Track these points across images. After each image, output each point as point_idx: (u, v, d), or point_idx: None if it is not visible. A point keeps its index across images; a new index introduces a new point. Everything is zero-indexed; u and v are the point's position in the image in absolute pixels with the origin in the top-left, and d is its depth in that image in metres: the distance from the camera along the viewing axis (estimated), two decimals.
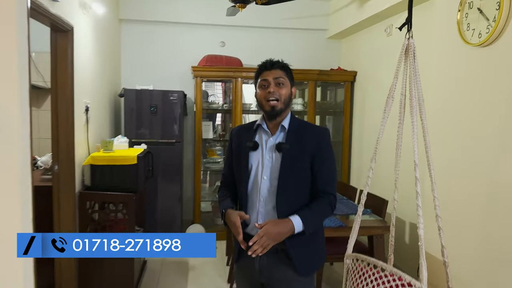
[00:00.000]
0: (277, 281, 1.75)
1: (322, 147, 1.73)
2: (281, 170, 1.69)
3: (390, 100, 2.12)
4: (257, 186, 1.74)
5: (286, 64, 1.79)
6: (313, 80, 4.61)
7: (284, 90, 1.73)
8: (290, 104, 1.79)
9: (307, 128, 1.79)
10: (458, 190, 2.49)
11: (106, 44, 4.05)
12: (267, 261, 1.74)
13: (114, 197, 3.10)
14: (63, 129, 2.93)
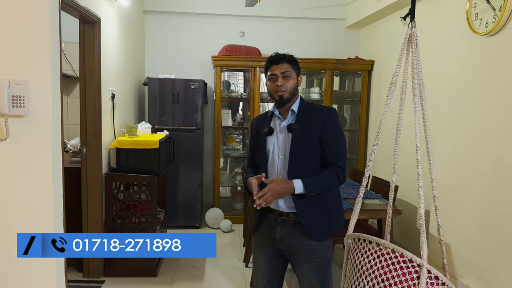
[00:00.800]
0: (296, 248, 1.95)
1: (328, 124, 1.91)
2: (292, 147, 1.90)
3: (392, 87, 2.22)
4: (275, 166, 1.96)
5: (292, 57, 1.98)
6: (330, 69, 4.69)
7: (290, 82, 1.94)
8: (297, 92, 2.00)
9: (314, 109, 1.99)
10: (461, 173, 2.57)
11: (131, 35, 4.24)
12: (287, 231, 1.95)
13: (137, 179, 3.31)
14: (91, 114, 3.14)
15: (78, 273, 3.32)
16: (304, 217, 1.91)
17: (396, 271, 1.99)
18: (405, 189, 3.65)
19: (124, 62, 3.95)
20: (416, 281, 1.96)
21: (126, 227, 3.30)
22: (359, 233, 2.27)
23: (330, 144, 1.91)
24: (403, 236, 3.96)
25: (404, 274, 1.98)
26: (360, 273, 2.10)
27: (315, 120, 1.93)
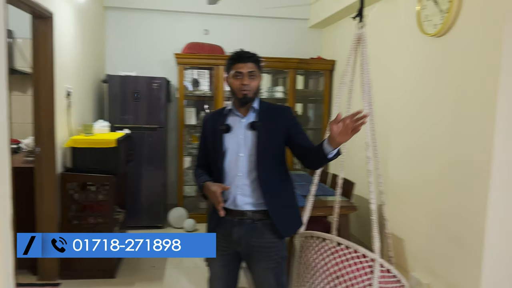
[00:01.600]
0: (253, 247, 1.95)
1: (291, 121, 1.98)
2: (259, 145, 1.91)
3: (342, 86, 2.28)
4: (235, 163, 1.93)
5: (258, 57, 1.99)
6: (293, 69, 4.73)
7: (255, 82, 1.94)
8: (259, 91, 2.01)
9: (274, 108, 2.05)
10: (415, 172, 2.65)
11: (90, 31, 4.14)
12: (245, 231, 1.94)
13: (94, 178, 3.24)
14: (44, 112, 3.05)
15: (32, 276, 3.22)
16: (274, 213, 1.92)
17: (351, 266, 2.04)
18: (365, 186, 3.72)
19: (82, 59, 3.85)
20: (370, 275, 2.02)
21: (83, 228, 3.22)
22: (312, 230, 2.31)
23: (302, 135, 1.97)
24: (362, 232, 4.05)
25: (358, 269, 2.03)
26: (314, 270, 2.12)
27: (279, 118, 1.97)
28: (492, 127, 1.98)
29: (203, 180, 1.97)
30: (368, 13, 3.94)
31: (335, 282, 2.03)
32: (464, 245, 2.17)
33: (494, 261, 2.04)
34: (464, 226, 2.16)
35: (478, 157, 2.07)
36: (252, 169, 1.92)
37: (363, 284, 1.96)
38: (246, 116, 1.97)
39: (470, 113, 2.14)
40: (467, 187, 2.15)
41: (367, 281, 1.99)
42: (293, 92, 4.78)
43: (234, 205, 1.94)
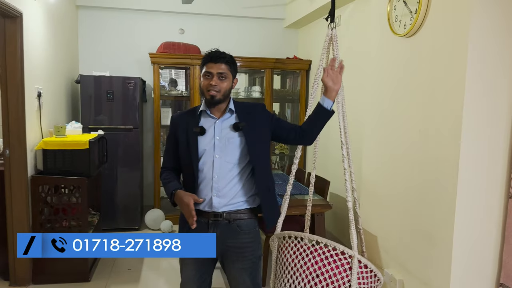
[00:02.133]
0: (229, 247, 1.94)
1: (269, 116, 2.02)
2: (250, 146, 1.91)
3: (315, 86, 2.31)
4: (210, 165, 1.90)
5: (231, 58, 1.93)
6: (270, 68, 4.75)
7: (225, 83, 1.89)
8: (230, 93, 1.96)
9: (250, 106, 2.03)
10: (387, 170, 2.69)
11: (61, 30, 4.05)
12: (220, 232, 1.92)
13: (66, 181, 3.17)
14: (13, 114, 2.97)
15: (4, 281, 3.14)
16: (266, 208, 1.96)
17: (330, 264, 2.06)
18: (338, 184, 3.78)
19: (53, 59, 3.76)
20: (349, 272, 2.05)
21: (55, 231, 3.15)
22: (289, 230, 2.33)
23: (285, 122, 2.08)
24: (339, 230, 4.10)
25: (337, 266, 2.06)
26: (293, 271, 2.13)
27: (258, 115, 1.98)
28: (460, 125, 2.03)
29: (174, 187, 1.92)
30: (342, 14, 4.02)
31: (315, 281, 2.05)
32: (434, 242, 2.22)
33: (463, 257, 2.10)
34: (434, 223, 2.22)
35: (446, 155, 2.12)
36: (227, 172, 1.90)
37: (343, 280, 2.00)
38: (220, 117, 1.94)
39: (438, 112, 2.19)
40: (436, 184, 2.20)
41: (346, 277, 2.03)
42: (270, 92, 4.80)
43: (209, 207, 1.91)
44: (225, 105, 1.95)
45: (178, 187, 1.92)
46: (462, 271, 2.10)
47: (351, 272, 2.04)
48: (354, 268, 2.05)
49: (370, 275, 2.10)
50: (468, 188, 2.06)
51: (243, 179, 1.93)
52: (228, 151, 1.90)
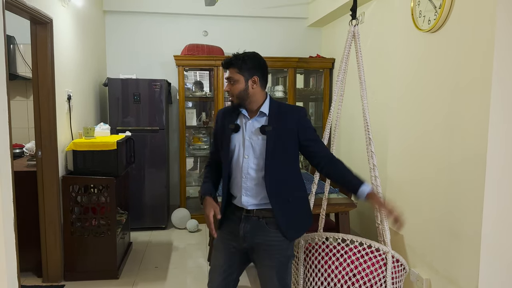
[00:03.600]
0: (258, 244, 1.95)
1: (304, 124, 1.94)
2: (267, 151, 1.88)
3: (338, 83, 2.30)
4: (240, 165, 1.93)
5: (240, 60, 1.90)
6: (292, 68, 4.75)
7: (235, 87, 1.90)
8: (248, 94, 1.91)
9: (286, 110, 1.98)
10: (413, 168, 2.65)
11: (89, 35, 4.18)
12: (251, 227, 1.94)
13: (95, 181, 3.27)
14: (45, 116, 3.09)
15: (38, 278, 3.26)
16: (279, 215, 1.91)
17: (366, 262, 2.10)
18: None
19: (82, 63, 3.89)
20: (384, 268, 2.09)
21: (85, 230, 3.26)
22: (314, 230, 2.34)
23: (316, 139, 1.96)
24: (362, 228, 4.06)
25: (373, 264, 2.10)
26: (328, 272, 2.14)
27: (289, 121, 1.92)
28: (487, 122, 1.98)
29: (204, 192, 1.99)
30: (365, 11, 3.98)
31: (352, 280, 2.07)
32: (461, 240, 2.17)
33: (491, 254, 2.04)
34: (461, 221, 2.17)
35: (473, 152, 2.07)
36: (256, 173, 1.91)
37: (378, 277, 2.07)
38: (252, 118, 1.94)
39: (465, 108, 2.14)
40: (463, 182, 2.15)
41: (381, 273, 2.09)
42: (293, 91, 4.80)
43: (240, 203, 1.95)
44: (257, 106, 1.94)
45: (208, 192, 1.98)
46: (490, 269, 2.05)
47: (385, 268, 2.07)
48: (388, 264, 2.09)
49: (400, 268, 2.18)
50: (496, 185, 2.01)
51: None
52: (255, 153, 1.91)
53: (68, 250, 3.25)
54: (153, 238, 4.28)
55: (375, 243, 2.14)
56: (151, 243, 4.14)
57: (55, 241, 3.18)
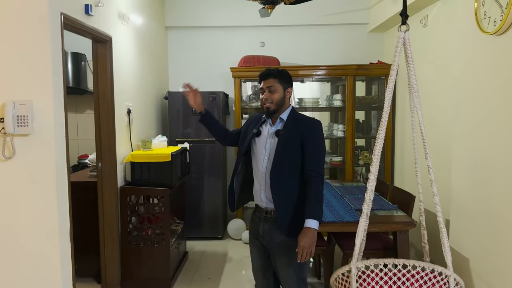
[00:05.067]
0: (275, 243, 2.14)
1: (310, 135, 2.12)
2: (276, 151, 2.11)
3: (388, 93, 2.14)
4: (261, 165, 2.17)
5: (279, 73, 2.16)
6: (351, 75, 4.57)
7: (275, 95, 2.14)
8: (284, 102, 2.19)
9: (301, 120, 2.21)
10: (481, 183, 2.39)
11: (150, 51, 4.36)
12: (268, 227, 2.16)
13: (150, 191, 3.37)
14: (105, 129, 3.25)
15: (97, 284, 3.42)
16: (280, 213, 2.08)
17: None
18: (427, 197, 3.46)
19: (142, 77, 4.06)
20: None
21: (141, 239, 3.37)
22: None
23: (310, 151, 2.09)
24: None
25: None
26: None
27: (300, 129, 2.13)
28: None
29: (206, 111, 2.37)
30: (428, 13, 3.71)
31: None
32: None
33: None
34: None
35: None
36: (270, 171, 2.10)
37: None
38: (274, 125, 2.20)
39: None
40: None
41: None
42: (352, 100, 4.61)
43: (261, 202, 2.19)
44: (279, 114, 2.18)
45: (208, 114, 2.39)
46: None
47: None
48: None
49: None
50: None
51: None
52: (272, 155, 2.13)
53: (125, 258, 3.37)
54: (209, 248, 4.32)
55: (438, 267, 2.04)
56: (206, 253, 4.18)
57: (113, 249, 3.31)
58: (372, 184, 2.26)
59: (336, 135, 4.85)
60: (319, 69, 4.62)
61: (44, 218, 2.38)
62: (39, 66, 2.30)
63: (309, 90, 5.32)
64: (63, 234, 2.45)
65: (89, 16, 2.79)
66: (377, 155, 2.24)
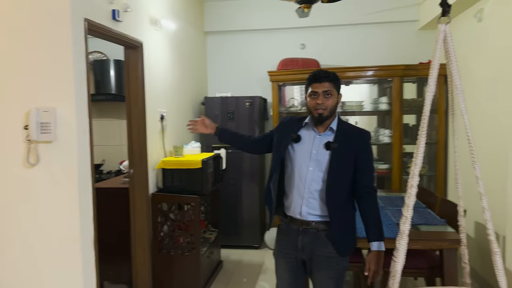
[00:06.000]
0: (317, 256, 2.02)
1: (364, 148, 2.03)
2: (330, 166, 1.98)
3: (429, 94, 1.90)
4: (304, 175, 2.01)
5: (335, 76, 2.03)
6: (398, 76, 4.25)
7: (330, 101, 2.00)
8: (336, 110, 2.06)
9: (353, 131, 2.08)
10: None
11: (187, 56, 4.33)
12: (309, 239, 2.02)
13: (181, 199, 3.30)
14: (136, 136, 3.22)
15: None
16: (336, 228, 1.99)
17: None
18: (474, 210, 3.09)
19: (178, 83, 4.02)
20: None
21: (171, 247, 3.30)
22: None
23: (365, 167, 2.01)
24: (481, 264, 3.35)
25: None
26: None
27: (353, 142, 2.01)
28: None
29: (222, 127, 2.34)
30: (484, 7, 3.35)
31: None
32: None
33: None
34: None
35: None
36: (317, 185, 1.99)
37: None
38: (322, 133, 2.04)
39: None
40: None
41: None
42: (399, 103, 4.28)
43: (299, 214, 2.01)
44: (330, 122, 2.03)
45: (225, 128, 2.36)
46: None
47: None
48: None
49: None
50: None
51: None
52: (320, 166, 2.00)
53: (156, 266, 3.32)
54: (245, 258, 4.18)
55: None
56: (241, 263, 4.04)
57: (144, 257, 3.27)
58: (412, 199, 1.99)
59: (382, 140, 4.54)
60: (362, 70, 4.34)
61: (67, 224, 2.36)
62: (62, 73, 2.29)
63: (353, 93, 5.05)
64: (86, 240, 2.42)
65: (116, 21, 2.77)
66: (418, 165, 1.97)
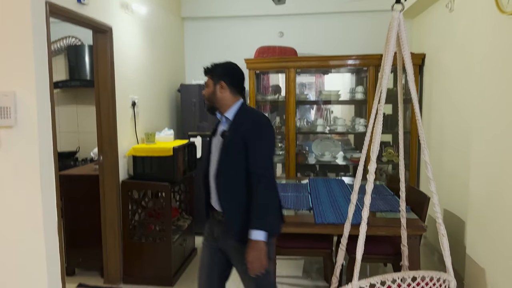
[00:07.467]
0: (230, 248, 2.01)
1: (252, 134, 1.93)
2: (220, 154, 1.97)
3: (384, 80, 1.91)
4: (211, 165, 2.05)
5: (209, 69, 2.04)
6: (374, 66, 4.26)
7: (205, 91, 2.05)
8: (216, 98, 2.00)
9: (246, 118, 1.99)
10: (503, 187, 2.09)
11: (163, 42, 4.26)
12: (222, 231, 2.02)
13: (152, 186, 3.28)
14: (106, 122, 3.18)
15: (101, 278, 3.39)
16: (230, 217, 1.95)
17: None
18: (441, 197, 3.15)
19: (152, 70, 3.96)
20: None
21: (142, 235, 3.29)
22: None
23: (251, 152, 1.92)
24: None
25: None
26: None
27: (242, 128, 1.95)
28: None
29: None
30: None
31: None
32: None
33: None
34: None
35: None
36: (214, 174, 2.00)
37: None
38: (222, 123, 2.06)
39: None
40: None
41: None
42: (374, 92, 4.29)
43: (215, 204, 2.03)
44: (224, 111, 2.02)
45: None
46: None
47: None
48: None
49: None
50: None
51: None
52: (216, 157, 2.00)
53: (127, 254, 3.31)
54: None
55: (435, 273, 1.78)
56: None
57: (114, 244, 3.25)
58: (370, 187, 2.00)
59: (358, 130, 4.57)
60: (339, 59, 4.34)
61: (29, 212, 2.32)
62: (21, 57, 2.24)
63: (331, 82, 5.06)
64: (50, 228, 2.39)
65: (82, 4, 2.70)
66: (375, 153, 1.99)
